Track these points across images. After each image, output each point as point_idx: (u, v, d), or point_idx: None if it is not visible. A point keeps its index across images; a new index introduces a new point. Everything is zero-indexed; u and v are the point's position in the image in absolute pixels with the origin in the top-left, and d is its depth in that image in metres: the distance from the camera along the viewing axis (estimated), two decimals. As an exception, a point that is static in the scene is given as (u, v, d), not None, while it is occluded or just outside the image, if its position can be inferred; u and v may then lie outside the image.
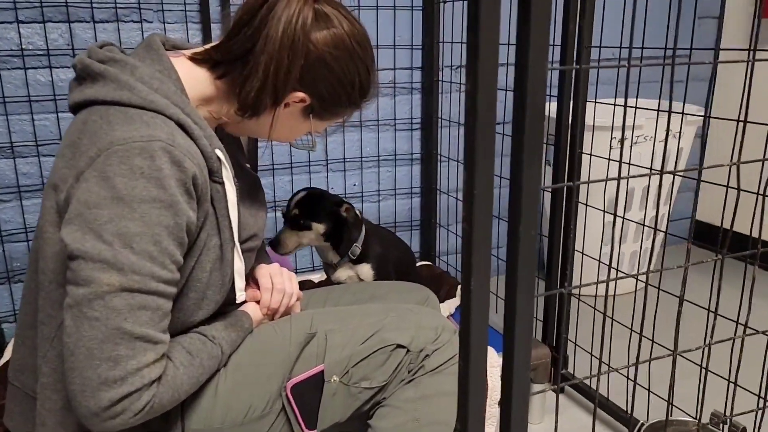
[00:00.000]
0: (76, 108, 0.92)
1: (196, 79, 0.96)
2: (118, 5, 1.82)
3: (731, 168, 0.83)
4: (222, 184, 0.94)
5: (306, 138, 1.10)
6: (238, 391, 1.00)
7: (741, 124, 0.89)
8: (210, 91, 0.98)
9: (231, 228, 0.96)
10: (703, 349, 0.90)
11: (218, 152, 0.93)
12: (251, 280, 1.16)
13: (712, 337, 0.88)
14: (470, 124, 0.62)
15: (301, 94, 0.97)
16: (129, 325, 0.82)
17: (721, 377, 1.13)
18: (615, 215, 0.87)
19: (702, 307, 1.19)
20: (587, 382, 1.68)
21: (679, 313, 0.89)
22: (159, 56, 0.93)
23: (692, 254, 2.69)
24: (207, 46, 0.98)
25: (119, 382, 0.82)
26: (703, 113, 2.22)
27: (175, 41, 1.03)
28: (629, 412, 1.44)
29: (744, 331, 0.95)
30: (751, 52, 0.82)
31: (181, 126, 0.89)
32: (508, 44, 0.70)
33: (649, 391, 1.29)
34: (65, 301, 0.83)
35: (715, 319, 0.94)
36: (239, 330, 1.03)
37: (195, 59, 0.97)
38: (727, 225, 2.28)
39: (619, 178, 0.79)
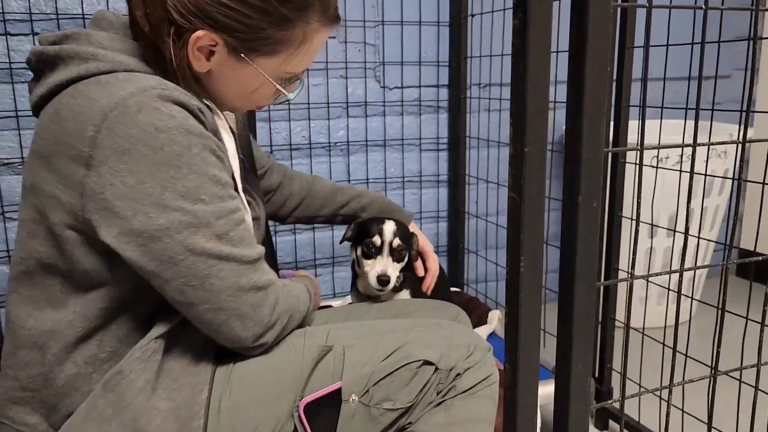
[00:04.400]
0: (40, 105, 0.83)
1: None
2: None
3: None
4: (216, 132, 0.86)
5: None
6: (243, 411, 0.88)
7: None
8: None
9: (234, 179, 0.88)
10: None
11: (206, 102, 0.88)
12: None
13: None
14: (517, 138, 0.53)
15: (201, 33, 0.83)
16: (246, 250, 0.84)
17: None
18: (675, 231, 0.74)
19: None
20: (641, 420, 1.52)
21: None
22: (110, 23, 0.88)
23: (736, 286, 2.52)
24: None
25: (262, 293, 0.86)
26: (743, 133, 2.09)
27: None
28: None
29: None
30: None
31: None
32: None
33: None
34: (174, 283, 0.80)
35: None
36: (300, 294, 0.98)
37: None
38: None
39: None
